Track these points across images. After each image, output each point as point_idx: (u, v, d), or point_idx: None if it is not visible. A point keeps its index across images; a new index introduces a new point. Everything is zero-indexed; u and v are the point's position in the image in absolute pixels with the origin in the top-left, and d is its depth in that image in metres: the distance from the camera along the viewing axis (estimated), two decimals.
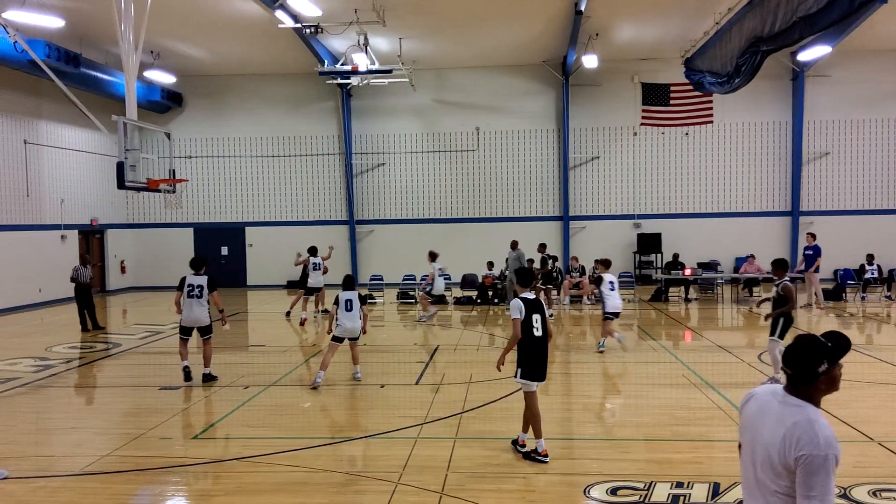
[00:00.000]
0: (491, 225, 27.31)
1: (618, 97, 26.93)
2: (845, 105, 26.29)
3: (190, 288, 11.34)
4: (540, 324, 7.59)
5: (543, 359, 7.66)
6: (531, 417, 7.61)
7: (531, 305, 7.61)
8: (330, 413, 9.95)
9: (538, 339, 7.58)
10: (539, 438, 7.55)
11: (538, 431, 7.59)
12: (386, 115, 27.81)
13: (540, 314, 7.63)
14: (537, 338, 7.57)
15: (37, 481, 7.22)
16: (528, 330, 7.53)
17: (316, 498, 6.65)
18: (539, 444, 7.52)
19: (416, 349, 14.55)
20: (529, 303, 7.62)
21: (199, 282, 11.41)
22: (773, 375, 10.95)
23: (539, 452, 7.48)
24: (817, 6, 12.02)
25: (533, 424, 7.61)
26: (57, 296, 23.19)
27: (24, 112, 22.54)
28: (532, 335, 7.54)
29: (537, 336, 7.57)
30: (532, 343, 7.55)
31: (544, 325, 7.65)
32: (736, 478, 6.76)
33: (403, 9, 19.96)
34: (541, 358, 7.63)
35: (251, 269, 28.62)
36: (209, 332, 11.60)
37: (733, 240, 26.79)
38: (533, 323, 7.56)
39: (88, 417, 9.79)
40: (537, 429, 7.59)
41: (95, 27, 20.56)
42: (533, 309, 7.60)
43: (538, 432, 7.58)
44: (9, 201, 21.83)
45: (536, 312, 7.61)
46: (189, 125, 28.28)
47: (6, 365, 13.25)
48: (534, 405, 7.61)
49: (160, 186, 15.93)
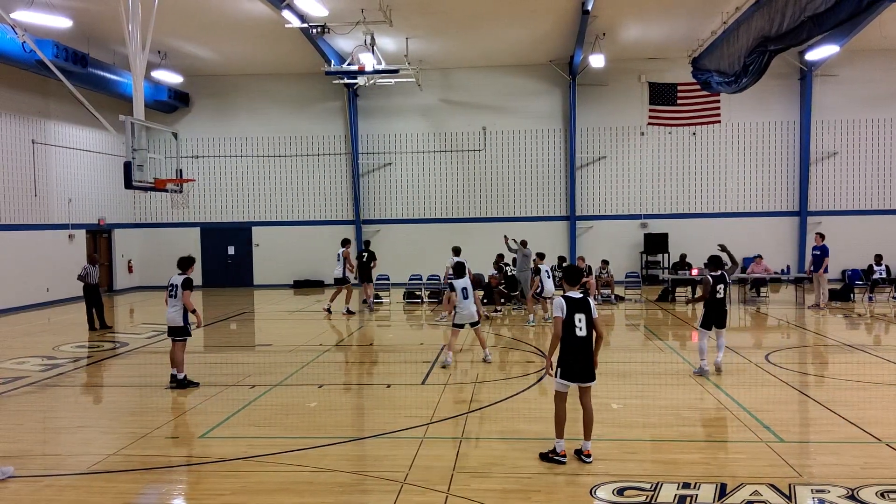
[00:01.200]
0: (497, 225, 27.22)
1: (625, 97, 26.87)
2: (853, 105, 26.17)
3: (169, 287, 11.15)
4: (584, 323, 7.39)
5: (585, 359, 7.44)
6: (555, 418, 7.51)
7: (575, 304, 7.44)
8: (336, 413, 9.95)
9: (581, 339, 7.38)
10: (560, 439, 7.46)
11: (560, 432, 7.48)
12: (392, 115, 27.82)
13: (584, 313, 7.43)
14: (580, 338, 7.38)
15: (44, 480, 7.24)
16: (570, 329, 7.38)
17: (322, 497, 6.65)
18: (558, 445, 7.44)
19: (422, 349, 14.53)
20: (573, 301, 7.46)
21: (176, 281, 11.07)
22: (701, 362, 11.43)
23: (557, 453, 7.40)
24: (825, 5, 11.97)
25: (556, 424, 7.50)
26: (64, 295, 23.28)
27: (33, 112, 22.63)
28: (574, 335, 7.38)
29: (580, 336, 7.38)
30: (573, 343, 7.38)
31: (589, 324, 7.44)
32: (742, 478, 6.74)
33: (410, 9, 19.95)
34: (581, 358, 7.42)
35: (258, 268, 28.66)
36: (179, 333, 11.12)
37: (741, 240, 26.59)
38: (576, 322, 7.39)
39: (95, 416, 9.81)
40: (559, 429, 7.48)
41: (103, 27, 20.62)
42: (577, 308, 7.43)
43: (560, 432, 7.47)
44: (17, 201, 21.92)
45: (580, 312, 7.42)
46: (196, 125, 28.34)
47: (14, 364, 13.30)
48: (559, 407, 7.49)
49: (167, 186, 15.99)
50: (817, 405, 9.62)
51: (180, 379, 11.11)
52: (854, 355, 13.30)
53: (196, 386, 11.07)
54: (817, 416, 9.25)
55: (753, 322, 18.16)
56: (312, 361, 13.49)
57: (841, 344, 14.28)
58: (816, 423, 9.05)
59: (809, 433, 8.78)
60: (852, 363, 12.75)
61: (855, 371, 12.22)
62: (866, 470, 7.03)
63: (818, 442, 8.25)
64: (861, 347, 13.96)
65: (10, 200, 21.67)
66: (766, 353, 13.20)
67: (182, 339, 11.18)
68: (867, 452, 7.64)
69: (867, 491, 6.49)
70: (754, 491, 6.50)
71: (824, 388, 10.76)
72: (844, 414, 8.97)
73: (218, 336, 17.13)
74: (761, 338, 15.83)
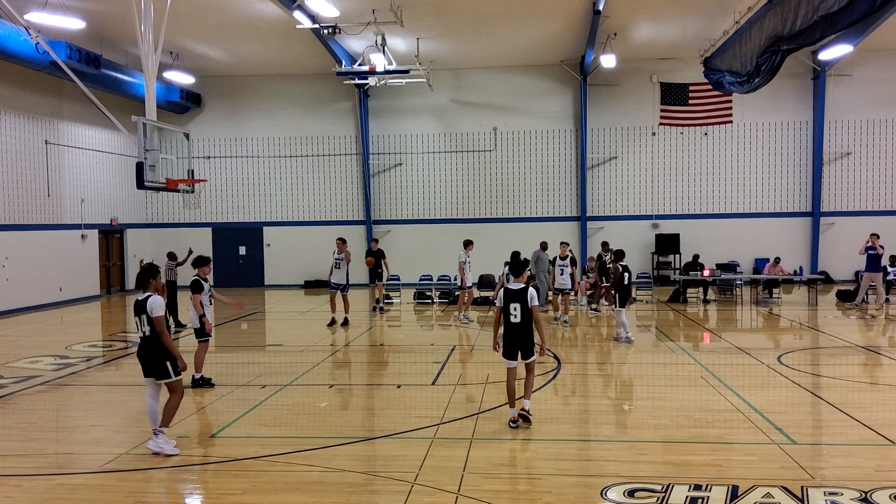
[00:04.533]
0: (508, 225, 27.26)
1: (636, 97, 26.80)
2: (867, 104, 26.00)
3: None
4: (518, 311, 8.64)
5: (518, 340, 8.71)
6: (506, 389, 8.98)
7: (512, 295, 8.73)
8: (346, 413, 9.96)
9: (514, 325, 8.69)
10: (511, 408, 8.77)
11: (511, 402, 8.80)
12: (403, 116, 27.84)
13: (519, 303, 8.65)
14: (513, 323, 8.68)
15: (56, 478, 7.28)
16: (507, 316, 8.74)
17: (332, 497, 6.65)
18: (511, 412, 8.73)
19: (432, 349, 14.53)
20: (511, 292, 8.76)
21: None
22: (627, 335, 14.50)
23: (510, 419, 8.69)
24: (839, 5, 11.89)
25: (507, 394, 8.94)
26: (77, 295, 23.44)
27: (46, 113, 22.78)
28: (509, 321, 8.71)
29: (514, 322, 8.68)
30: (508, 327, 8.76)
31: (525, 312, 8.65)
32: (754, 481, 6.71)
33: (421, 9, 19.96)
34: (516, 339, 8.72)
35: (269, 268, 28.75)
36: (199, 334, 11.08)
37: (753, 241, 26.58)
38: (511, 311, 8.69)
39: (107, 415, 9.86)
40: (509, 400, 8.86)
41: (116, 28, 20.73)
42: (513, 298, 8.70)
43: (511, 403, 8.80)
44: (30, 201, 22.07)
45: (516, 301, 8.67)
46: (208, 125, 28.46)
47: (27, 363, 13.40)
48: (507, 380, 8.85)
49: (179, 186, 16.06)
50: (830, 407, 9.56)
51: (196, 378, 11.10)
52: (867, 357, 13.20)
53: (210, 386, 11.09)
54: (830, 418, 9.19)
55: (766, 323, 18.06)
56: (323, 362, 13.52)
57: (854, 345, 14.18)
58: (829, 425, 8.99)
59: (822, 435, 8.72)
60: (865, 365, 12.66)
61: (868, 373, 12.14)
62: (879, 472, 6.98)
63: (831, 444, 8.20)
64: (874, 349, 13.86)
65: (24, 201, 21.82)
66: (779, 354, 13.12)
67: (204, 340, 11.12)
68: (880, 455, 7.58)
69: (881, 494, 6.44)
70: (766, 493, 6.46)
71: (837, 390, 10.68)
72: (857, 416, 8.91)
73: (229, 336, 17.20)
74: (774, 339, 15.74)
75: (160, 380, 7.93)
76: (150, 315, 7.82)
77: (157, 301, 7.91)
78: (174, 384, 7.95)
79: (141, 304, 7.90)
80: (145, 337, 7.92)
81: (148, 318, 7.83)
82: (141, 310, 7.89)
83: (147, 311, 7.83)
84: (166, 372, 7.87)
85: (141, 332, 7.96)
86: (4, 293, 20.69)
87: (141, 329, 7.95)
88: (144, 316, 7.87)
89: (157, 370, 7.88)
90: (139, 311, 7.93)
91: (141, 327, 7.95)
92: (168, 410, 7.94)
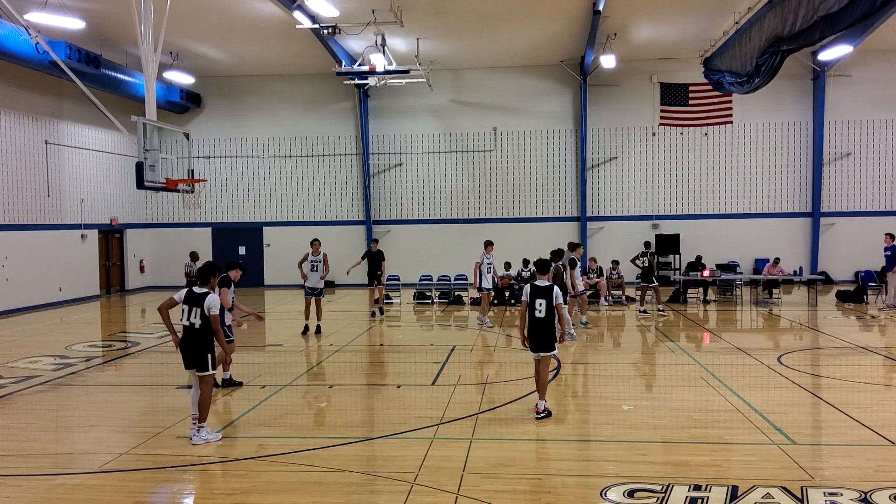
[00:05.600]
0: (508, 225, 27.26)
1: (636, 97, 26.80)
2: (867, 105, 26.00)
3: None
4: (544, 307, 9.05)
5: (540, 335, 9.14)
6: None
7: (537, 291, 9.13)
8: (346, 413, 9.96)
9: (538, 320, 9.10)
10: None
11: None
12: (403, 116, 27.84)
13: (545, 299, 9.06)
14: (538, 318, 9.09)
15: (56, 478, 7.28)
16: (532, 312, 9.11)
17: (332, 497, 6.65)
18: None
19: (432, 349, 14.53)
20: (537, 289, 9.15)
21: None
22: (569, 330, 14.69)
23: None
24: (839, 5, 11.89)
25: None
26: (77, 294, 23.43)
27: (46, 113, 22.77)
28: (534, 316, 9.10)
29: (538, 317, 9.09)
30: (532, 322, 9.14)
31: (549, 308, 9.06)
32: (754, 481, 6.71)
33: (421, 9, 19.96)
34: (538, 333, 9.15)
35: (268, 269, 28.73)
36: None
37: (753, 241, 26.58)
38: (536, 306, 9.08)
39: (107, 415, 9.85)
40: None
41: (115, 28, 20.73)
42: (538, 294, 9.11)
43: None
44: (30, 201, 22.07)
45: (541, 297, 9.08)
46: (207, 125, 28.45)
47: (26, 363, 13.39)
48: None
49: (179, 186, 16.05)
50: (830, 407, 9.56)
51: (226, 379, 11.07)
52: (867, 357, 13.20)
53: (240, 385, 11.09)
54: (830, 419, 9.19)
55: (766, 324, 18.06)
56: (323, 362, 13.52)
57: (854, 346, 14.18)
58: (829, 426, 8.99)
59: (822, 435, 8.72)
60: (865, 365, 12.66)
61: (868, 373, 12.13)
62: (879, 473, 6.98)
63: (831, 444, 8.20)
64: (874, 349, 13.86)
65: (24, 200, 21.81)
66: (779, 354, 13.12)
67: (229, 341, 10.71)
68: (880, 455, 7.58)
69: (880, 494, 6.44)
70: (766, 493, 6.46)
71: (837, 391, 10.68)
72: (857, 416, 8.91)
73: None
74: (773, 339, 15.74)
75: (200, 371, 8.28)
76: (206, 312, 8.15)
77: (215, 300, 8.29)
78: (207, 377, 8.34)
79: (198, 298, 8.22)
80: (192, 328, 8.22)
81: (201, 311, 8.16)
82: (196, 302, 8.21)
83: (204, 307, 8.16)
84: (205, 365, 8.26)
85: (188, 321, 8.22)
86: (4, 293, 20.68)
87: (189, 319, 8.22)
88: (198, 309, 8.18)
89: (199, 362, 8.25)
90: (193, 303, 8.22)
91: (189, 317, 8.22)
92: (202, 405, 8.27)
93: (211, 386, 8.47)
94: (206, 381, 8.32)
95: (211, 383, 8.46)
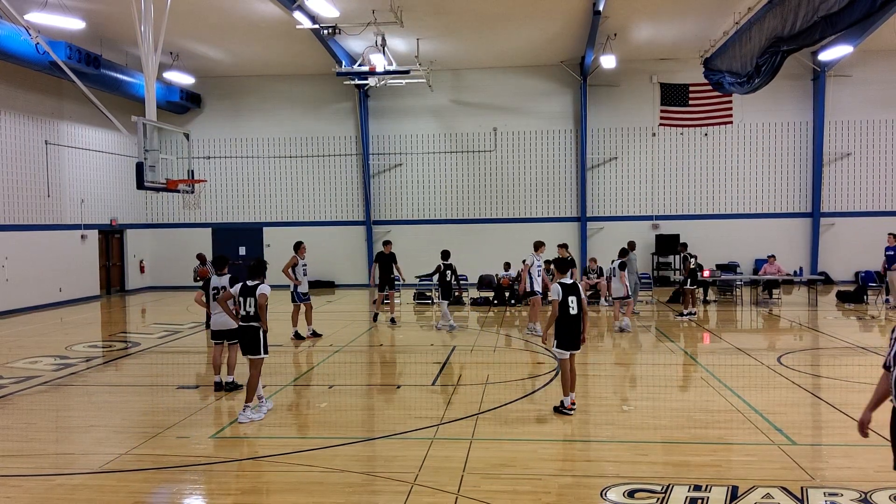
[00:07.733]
0: (508, 226, 27.26)
1: (636, 97, 26.79)
2: (867, 105, 25.99)
3: (215, 291, 11.09)
4: (576, 304, 9.22)
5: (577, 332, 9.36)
6: (562, 378, 9.40)
7: (567, 289, 9.25)
8: (346, 413, 9.95)
9: (573, 317, 9.23)
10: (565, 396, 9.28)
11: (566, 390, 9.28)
12: (403, 116, 27.84)
13: (575, 296, 9.25)
14: (573, 316, 9.22)
15: (56, 478, 7.28)
16: (565, 309, 9.19)
17: (332, 498, 6.66)
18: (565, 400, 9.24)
19: (432, 350, 14.53)
20: (566, 287, 9.26)
21: (223, 283, 11.15)
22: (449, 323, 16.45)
23: (565, 406, 9.18)
24: (839, 5, 11.89)
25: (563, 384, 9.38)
26: (77, 295, 23.42)
27: (46, 113, 22.77)
28: (568, 314, 9.21)
29: (573, 314, 9.22)
30: (567, 320, 9.22)
31: (579, 305, 9.25)
32: (754, 481, 6.71)
33: (421, 9, 19.95)
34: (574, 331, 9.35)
35: (269, 269, 28.62)
36: (232, 337, 10.66)
37: (753, 241, 26.56)
38: (569, 303, 9.20)
39: (107, 416, 9.85)
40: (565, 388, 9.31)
41: (116, 29, 20.72)
42: (569, 292, 9.25)
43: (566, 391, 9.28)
44: (30, 201, 22.06)
45: (572, 294, 9.24)
46: (208, 126, 28.44)
47: (27, 363, 13.39)
48: (562, 369, 9.35)
49: (179, 187, 16.05)
50: (830, 408, 9.56)
51: (229, 382, 10.85)
52: (867, 357, 13.18)
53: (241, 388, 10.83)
54: (830, 419, 9.19)
55: (766, 324, 18.06)
56: (323, 362, 13.52)
57: (854, 346, 14.18)
58: (829, 426, 8.99)
59: (822, 436, 8.72)
60: (865, 365, 12.64)
61: (868, 373, 12.11)
62: (879, 473, 6.97)
63: (831, 445, 8.20)
64: (874, 350, 13.85)
65: (24, 201, 21.80)
66: (779, 355, 13.12)
67: (237, 343, 10.48)
68: (880, 455, 7.54)
69: (880, 494, 6.45)
70: (766, 494, 6.46)
71: (837, 391, 10.68)
72: (857, 416, 8.89)
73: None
74: (773, 340, 15.73)
75: (249, 355, 9.30)
76: (256, 297, 9.24)
77: (266, 287, 9.45)
78: (257, 361, 9.29)
79: (250, 290, 9.34)
80: (248, 316, 9.31)
81: (254, 301, 9.24)
82: (249, 293, 9.32)
83: (255, 294, 9.27)
84: (257, 350, 9.29)
85: (244, 311, 9.34)
86: (4, 293, 20.67)
87: (245, 309, 9.34)
88: (252, 299, 9.28)
89: (251, 347, 9.31)
90: (246, 295, 9.34)
91: (245, 307, 9.33)
92: (250, 387, 9.22)
93: (259, 369, 9.26)
94: (255, 364, 9.21)
95: (259, 367, 9.27)
